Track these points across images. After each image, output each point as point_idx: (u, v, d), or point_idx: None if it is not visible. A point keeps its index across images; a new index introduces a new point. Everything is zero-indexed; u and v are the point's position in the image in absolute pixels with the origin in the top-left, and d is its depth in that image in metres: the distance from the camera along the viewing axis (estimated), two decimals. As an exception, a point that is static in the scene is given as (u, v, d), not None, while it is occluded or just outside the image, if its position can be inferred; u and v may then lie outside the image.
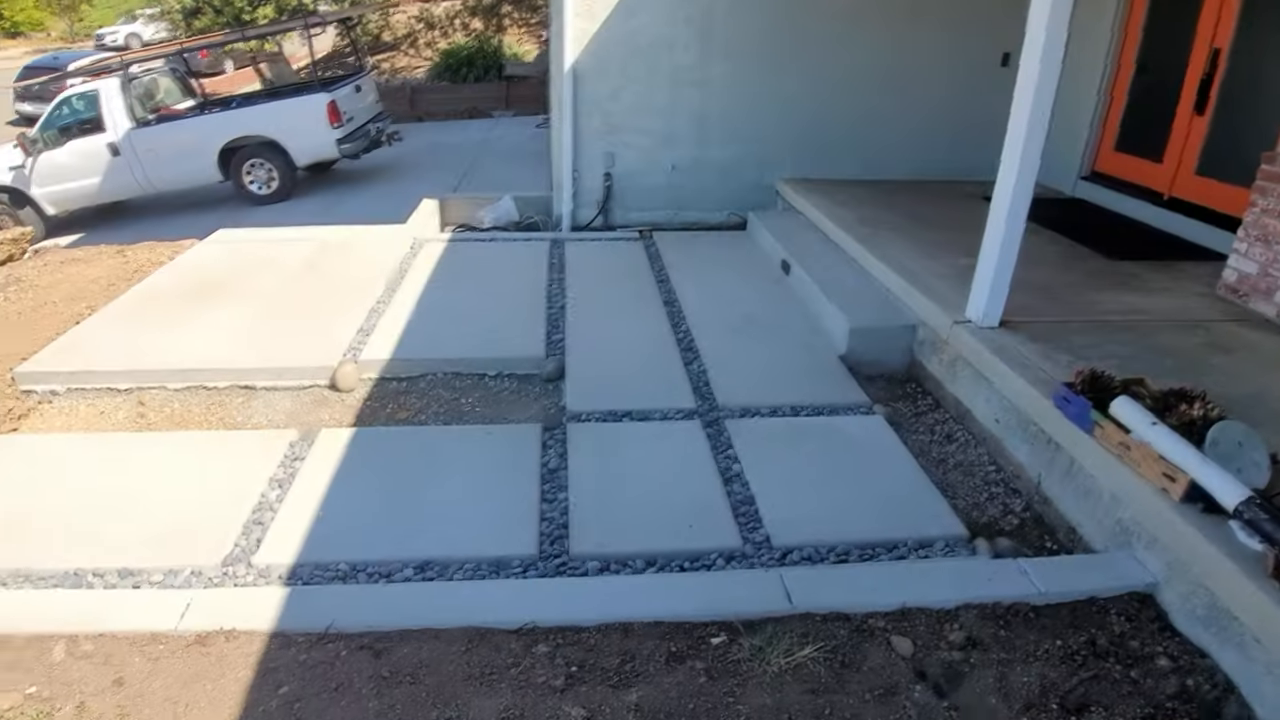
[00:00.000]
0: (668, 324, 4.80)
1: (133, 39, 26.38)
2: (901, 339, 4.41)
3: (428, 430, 3.72)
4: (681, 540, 2.94)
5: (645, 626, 2.42)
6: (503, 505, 3.12)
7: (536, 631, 2.40)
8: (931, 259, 4.78)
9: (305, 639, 2.35)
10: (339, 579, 2.75)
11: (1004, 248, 3.64)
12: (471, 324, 4.71)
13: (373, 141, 10.01)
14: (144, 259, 6.31)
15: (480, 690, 2.18)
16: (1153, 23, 5.56)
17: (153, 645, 2.33)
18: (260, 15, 14.64)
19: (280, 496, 3.16)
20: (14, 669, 2.25)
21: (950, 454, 3.70)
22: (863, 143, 6.67)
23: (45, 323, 4.95)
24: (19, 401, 4.12)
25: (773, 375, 4.20)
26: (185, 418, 4.02)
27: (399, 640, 2.36)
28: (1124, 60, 5.80)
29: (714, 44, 6.20)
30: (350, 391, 4.19)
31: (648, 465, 3.40)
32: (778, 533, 2.99)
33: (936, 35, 6.30)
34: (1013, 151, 3.50)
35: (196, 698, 2.16)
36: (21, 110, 16.72)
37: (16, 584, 2.72)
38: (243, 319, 4.72)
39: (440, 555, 2.84)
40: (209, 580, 2.73)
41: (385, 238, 6.26)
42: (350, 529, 2.96)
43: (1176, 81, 5.20)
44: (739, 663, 2.28)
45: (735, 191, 6.84)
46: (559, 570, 2.82)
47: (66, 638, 2.34)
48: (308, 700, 2.14)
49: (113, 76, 9.14)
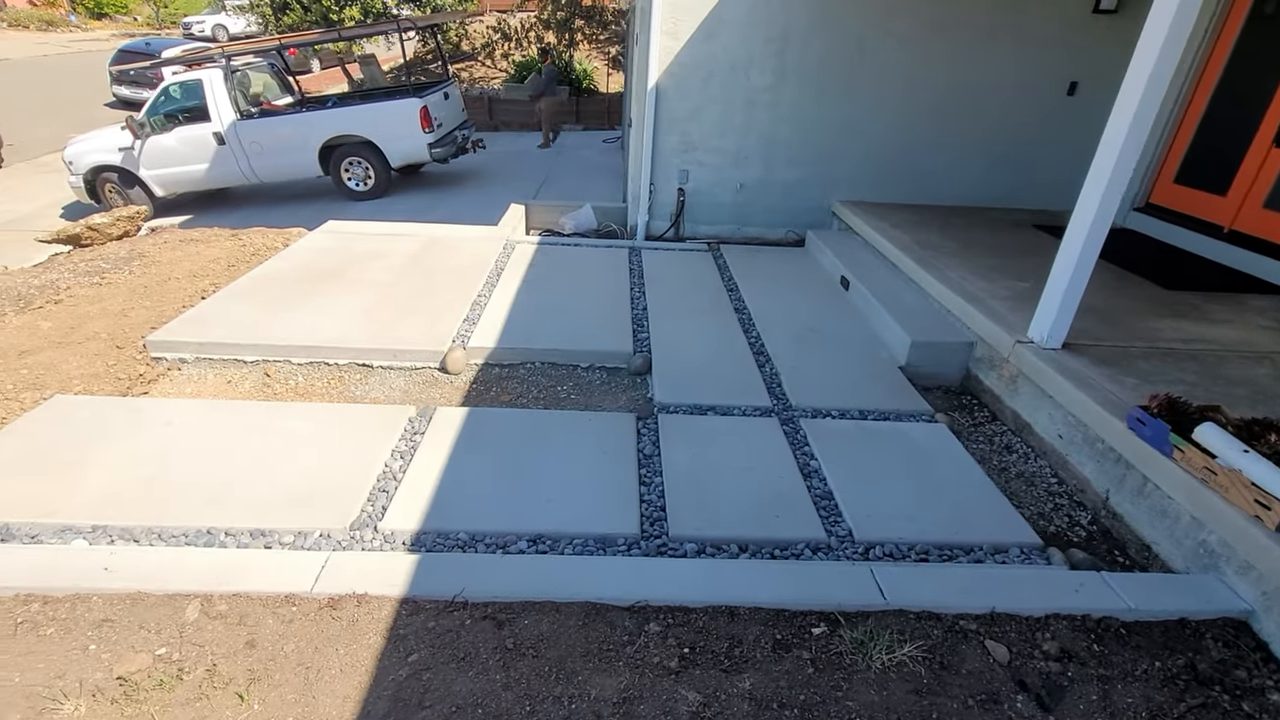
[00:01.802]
0: (739, 329, 4.65)
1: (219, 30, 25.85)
2: (959, 354, 4.21)
3: (534, 413, 3.61)
4: (770, 529, 2.80)
5: (749, 611, 2.29)
6: (605, 485, 3.01)
7: (648, 609, 2.28)
8: (989, 282, 4.56)
9: (433, 606, 2.25)
10: (459, 548, 2.65)
11: (1075, 273, 3.42)
12: (564, 320, 4.60)
13: (460, 148, 9.94)
14: (258, 243, 6.31)
15: (599, 667, 2.07)
16: (1237, 56, 5.18)
17: (286, 607, 2.22)
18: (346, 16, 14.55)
19: (403, 467, 3.08)
20: (145, 628, 2.12)
21: (1011, 464, 3.51)
22: (918, 168, 6.41)
23: (171, 296, 4.92)
24: (150, 367, 4.10)
25: (839, 381, 4.03)
26: (308, 390, 3.98)
27: (520, 611, 2.25)
28: (1198, 92, 5.44)
29: (788, 67, 5.98)
30: (458, 374, 4.11)
31: (733, 456, 3.26)
32: (859, 528, 2.83)
33: (1003, 63, 5.96)
34: (1098, 180, 3.27)
35: (328, 663, 2.04)
36: (119, 93, 16.21)
37: (150, 541, 2.62)
38: (358, 304, 4.67)
39: (551, 530, 2.73)
40: (337, 543, 2.65)
41: (481, 237, 6.19)
42: (468, 500, 2.87)
43: (1256, 114, 4.86)
44: (842, 655, 2.14)
45: (795, 211, 6.64)
46: (660, 550, 2.70)
47: (201, 597, 2.23)
48: (436, 669, 2.04)
49: (215, 67, 8.96)
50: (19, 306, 4.52)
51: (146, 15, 33.30)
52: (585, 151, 12.40)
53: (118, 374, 3.91)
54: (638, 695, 1.98)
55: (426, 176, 10.61)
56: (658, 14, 5.77)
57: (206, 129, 9.04)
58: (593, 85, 15.09)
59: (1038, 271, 4.70)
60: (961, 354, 4.20)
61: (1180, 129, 5.62)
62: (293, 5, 13.97)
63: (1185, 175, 5.61)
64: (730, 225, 6.71)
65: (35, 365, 3.81)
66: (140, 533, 2.64)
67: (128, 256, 5.58)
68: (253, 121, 9.14)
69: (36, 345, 4.02)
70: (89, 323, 4.33)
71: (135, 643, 2.06)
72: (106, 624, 2.13)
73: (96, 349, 4.06)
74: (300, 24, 14.23)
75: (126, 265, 5.37)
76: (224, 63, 9.09)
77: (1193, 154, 5.55)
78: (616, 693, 1.98)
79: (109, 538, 2.61)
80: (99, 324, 4.33)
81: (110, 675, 1.96)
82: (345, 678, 1.99)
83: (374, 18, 13.90)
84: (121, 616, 2.15)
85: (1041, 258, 5.04)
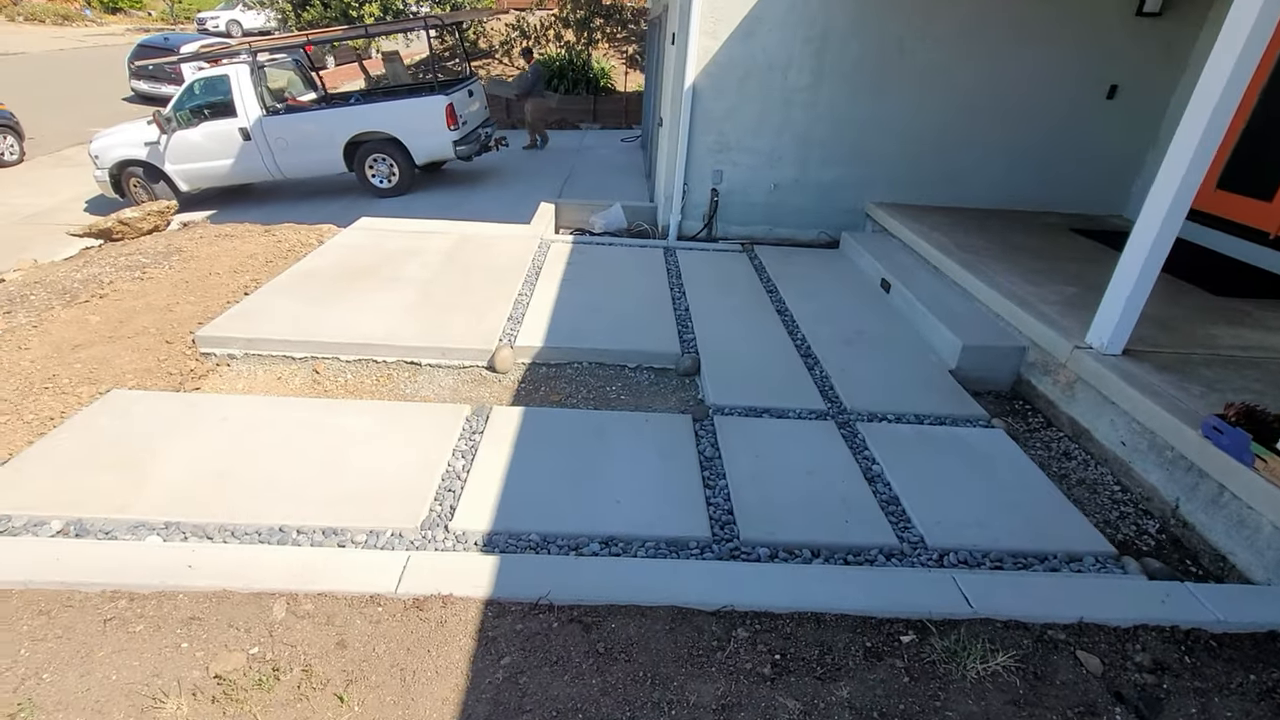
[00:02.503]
0: (784, 331, 4.62)
1: (233, 25, 25.83)
2: (1010, 359, 4.18)
3: (589, 413, 3.59)
4: (841, 534, 2.78)
5: (835, 618, 2.27)
6: (670, 488, 2.98)
7: (734, 614, 2.26)
8: (1037, 286, 4.52)
9: (518, 608, 2.23)
10: (532, 549, 2.63)
11: (1140, 279, 3.39)
12: (607, 319, 4.58)
13: (483, 145, 9.91)
14: (292, 239, 6.29)
15: (693, 673, 2.05)
16: None
17: (372, 607, 2.20)
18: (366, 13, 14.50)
19: (466, 466, 3.07)
20: (234, 626, 2.11)
21: (1071, 471, 3.48)
22: (951, 170, 6.37)
23: (214, 292, 4.90)
24: (199, 362, 4.09)
25: (890, 384, 4.00)
26: (358, 387, 3.97)
27: (605, 615, 2.23)
28: (1247, 93, 5.38)
29: (826, 67, 5.95)
30: (506, 373, 4.10)
31: (794, 459, 3.23)
32: (930, 534, 2.81)
33: (1041, 64, 5.90)
34: (1168, 184, 3.22)
35: (422, 665, 2.03)
36: (138, 88, 16.19)
37: (224, 539, 2.60)
38: (400, 301, 4.65)
39: (623, 532, 2.71)
40: (410, 543, 2.63)
41: (514, 235, 6.17)
42: (535, 501, 2.85)
43: None
44: (935, 664, 2.12)
45: (828, 213, 6.61)
46: (732, 554, 2.68)
47: (286, 596, 2.21)
48: (531, 673, 2.02)
49: (242, 63, 8.94)
50: (65, 300, 4.51)
51: (160, 10, 33.20)
52: (604, 150, 12.36)
53: (169, 369, 3.90)
54: (735, 702, 1.96)
55: (448, 174, 10.59)
56: (697, 14, 5.74)
57: (232, 125, 9.03)
58: (610, 84, 15.05)
59: (1084, 276, 4.70)
60: (1013, 359, 4.17)
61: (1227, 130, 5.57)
62: (313, 1, 13.93)
63: (1228, 181, 5.56)
64: (763, 226, 6.68)
65: (89, 359, 3.80)
66: (213, 530, 2.63)
67: (166, 251, 5.57)
68: (278, 118, 9.11)
69: (88, 339, 4.01)
70: (136, 317, 4.32)
71: (227, 641, 2.04)
72: (195, 621, 2.11)
73: (146, 343, 4.05)
74: (320, 20, 14.21)
75: (166, 260, 5.36)
76: (251, 59, 9.08)
77: (1236, 160, 5.50)
78: (714, 699, 1.96)
79: (182, 534, 2.60)
80: (146, 319, 4.32)
81: (207, 674, 1.94)
82: (441, 680, 1.97)
83: (393, 15, 13.87)
84: (209, 614, 2.14)
85: (1086, 263, 5.04)
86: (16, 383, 3.55)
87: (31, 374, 3.63)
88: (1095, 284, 4.55)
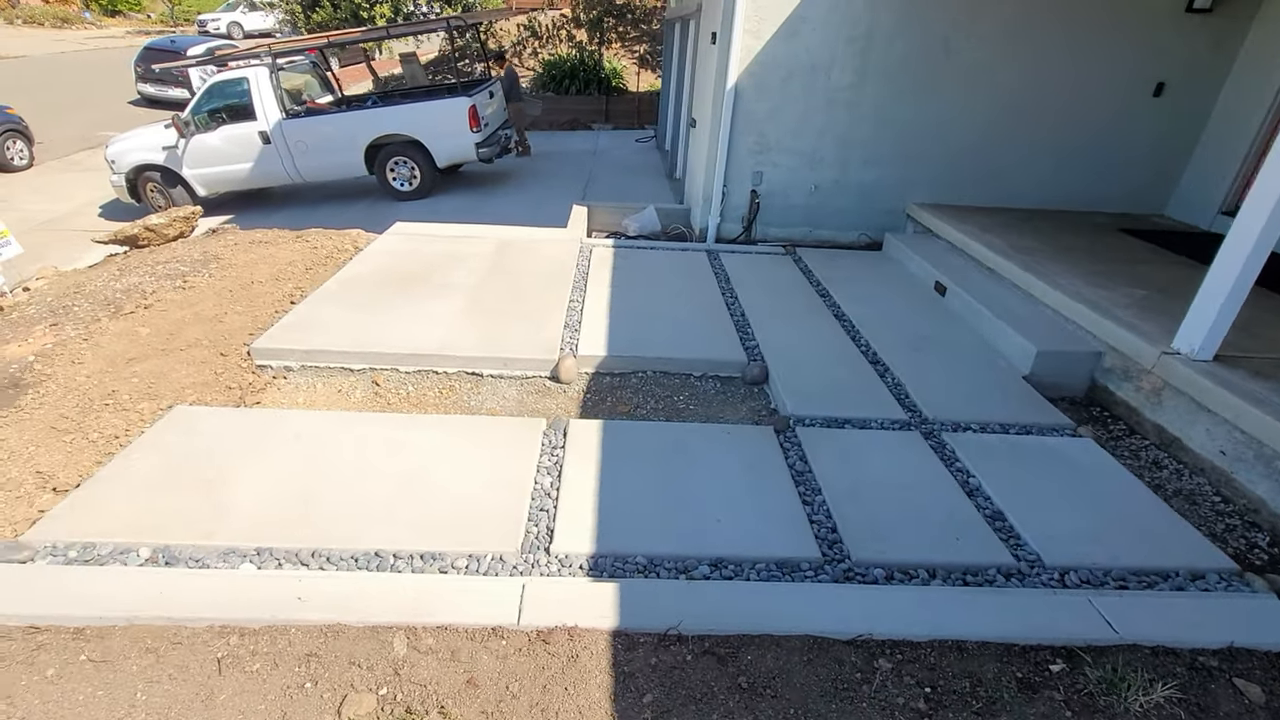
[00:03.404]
0: (845, 337, 4.51)
1: (234, 27, 25.62)
2: (1084, 365, 4.08)
3: (668, 425, 3.47)
4: (954, 552, 2.67)
5: (977, 646, 2.16)
6: (767, 503, 2.87)
7: (871, 643, 2.15)
8: (1104, 289, 4.43)
9: (647, 640, 2.12)
10: (639, 572, 2.52)
11: (1237, 283, 3.29)
12: (667, 327, 4.46)
13: (504, 148, 9.78)
14: (328, 245, 6.15)
15: (845, 709, 1.94)
16: None
17: (495, 640, 2.09)
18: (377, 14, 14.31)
19: (554, 484, 2.95)
20: (355, 664, 1.99)
21: (1164, 481, 3.38)
22: (995, 170, 6.27)
23: (260, 301, 4.76)
24: (255, 375, 3.96)
25: (966, 392, 3.89)
26: (420, 400, 3.84)
27: (739, 646, 2.12)
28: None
29: (870, 67, 5.84)
30: (570, 383, 3.97)
31: (886, 472, 3.13)
32: (1046, 551, 2.70)
33: (1086, 62, 5.80)
34: (1270, 185, 3.12)
35: (563, 705, 1.91)
36: (144, 91, 15.85)
37: (319, 564, 2.47)
38: (453, 309, 4.52)
39: (731, 554, 2.60)
40: (513, 568, 2.51)
41: (553, 239, 6.05)
42: (631, 520, 2.73)
43: None
44: (1094, 696, 2.01)
45: (869, 214, 6.50)
46: (846, 576, 2.56)
47: (404, 629, 2.10)
48: (678, 712, 1.90)
49: (261, 66, 8.79)
50: (110, 311, 4.36)
51: (160, 12, 32.83)
52: (620, 152, 12.22)
53: (226, 382, 3.77)
54: (899, 741, 1.85)
55: (465, 176, 10.45)
56: (740, 13, 5.62)
57: (251, 128, 8.88)
58: (622, 84, 14.92)
59: (1149, 279, 4.61)
60: (1087, 364, 4.07)
61: (1276, 130, 5.49)
62: (322, 3, 13.75)
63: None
64: (803, 228, 6.57)
65: (145, 374, 3.66)
66: (306, 556, 2.50)
67: (203, 259, 5.42)
68: (298, 121, 8.96)
69: (141, 352, 3.87)
70: (186, 329, 4.18)
71: (353, 681, 1.92)
72: (313, 659, 1.99)
73: (200, 356, 3.91)
74: (329, 22, 14.03)
75: (205, 268, 5.21)
76: (270, 61, 8.92)
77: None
78: (876, 738, 1.85)
79: (275, 561, 2.47)
80: (196, 330, 4.18)
81: (339, 718, 1.82)
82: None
83: (404, 17, 13.71)
84: (325, 651, 2.02)
85: (1144, 265, 4.95)
86: (75, 399, 3.41)
87: (89, 390, 3.49)
88: (1162, 287, 4.49)
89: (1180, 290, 4.41)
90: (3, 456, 2.98)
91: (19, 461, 2.98)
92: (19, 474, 2.90)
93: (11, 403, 3.36)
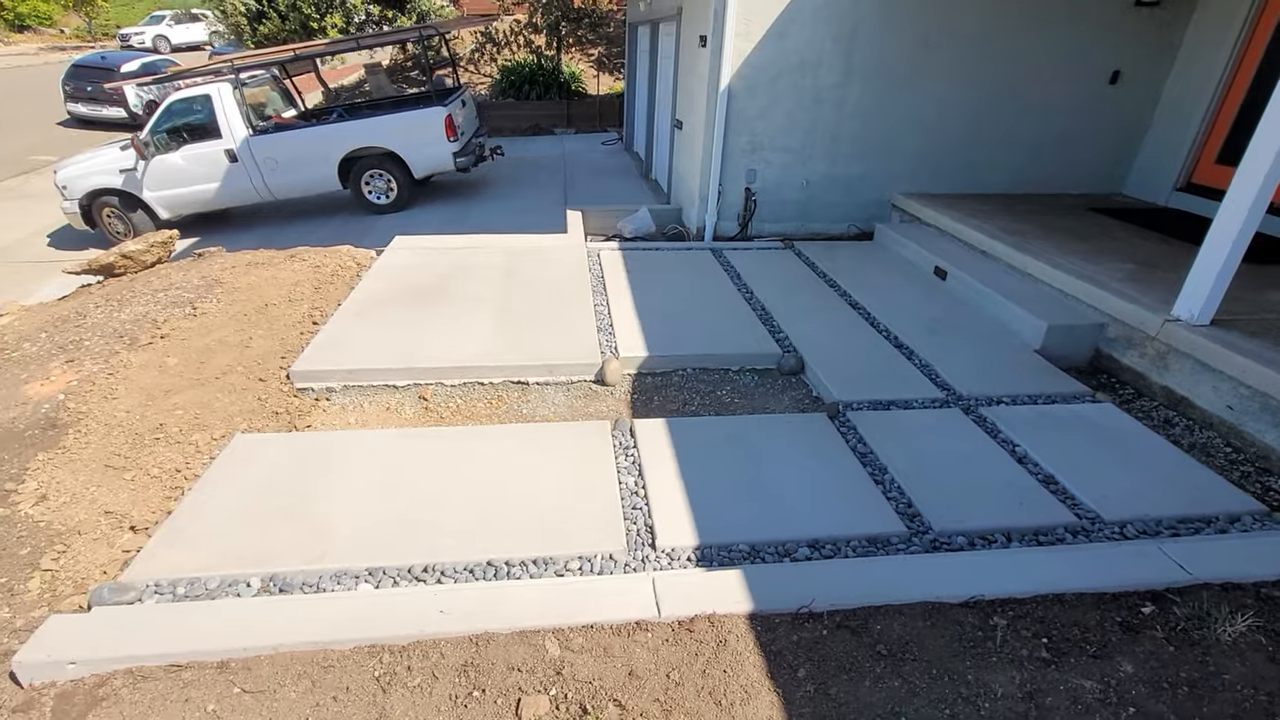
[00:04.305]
0: (865, 324, 4.72)
1: (160, 41, 24.56)
2: (1088, 336, 4.39)
3: (728, 419, 3.58)
4: (1022, 516, 2.87)
5: (1074, 596, 2.35)
6: (841, 485, 3.02)
7: (982, 604, 2.32)
8: (1094, 264, 4.76)
9: (782, 619, 2.23)
10: (745, 558, 2.62)
11: (1231, 253, 3.61)
12: (696, 324, 4.57)
13: (479, 156, 9.70)
14: (330, 264, 6.00)
15: (980, 665, 2.09)
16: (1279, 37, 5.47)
17: (641, 634, 2.16)
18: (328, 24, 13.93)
19: (638, 483, 3.02)
20: (516, 669, 2.03)
21: (1178, 437, 3.68)
22: (973, 159, 6.62)
23: (281, 324, 4.60)
24: (299, 399, 3.89)
25: (988, 368, 4.14)
26: (471, 412, 3.84)
27: (865, 617, 2.25)
28: (1241, 72, 5.77)
29: (855, 64, 6.09)
30: (615, 385, 4.04)
31: (940, 447, 3.32)
32: (1102, 508, 2.93)
33: (1049, 54, 6.19)
34: (1259, 159, 3.43)
35: (726, 687, 2.00)
36: (75, 111, 15.04)
37: (435, 578, 2.48)
38: (482, 320, 4.52)
39: (825, 534, 2.73)
40: (625, 565, 2.57)
41: (558, 246, 6.08)
42: (721, 510, 2.83)
43: None
44: (1188, 632, 2.22)
45: (856, 206, 6.76)
46: (933, 545, 2.73)
47: (551, 631, 2.15)
48: (832, 682, 2.02)
49: (223, 81, 8.52)
50: (126, 344, 4.19)
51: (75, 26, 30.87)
52: (589, 156, 12.26)
53: (273, 408, 3.69)
54: (1038, 689, 2.01)
55: (441, 186, 10.32)
56: (732, 16, 5.77)
57: (217, 146, 8.58)
58: (582, 88, 14.94)
59: (1131, 254, 4.98)
60: (1091, 335, 4.38)
61: (1221, 111, 5.98)
62: (269, 14, 13.29)
63: (1229, 155, 5.97)
64: (795, 222, 6.78)
65: (188, 405, 3.55)
66: (419, 571, 2.51)
67: (204, 284, 5.24)
68: (267, 137, 8.70)
69: (176, 384, 3.74)
70: (214, 357, 4.06)
71: (520, 684, 1.97)
72: (471, 668, 2.02)
73: (238, 383, 3.81)
74: (278, 34, 13.59)
75: (210, 293, 5.04)
76: (233, 76, 8.62)
77: (1235, 136, 5.91)
78: (1016, 688, 2.01)
79: (390, 579, 2.48)
80: (226, 357, 4.06)
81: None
82: (754, 700, 1.95)
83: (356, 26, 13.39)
84: (480, 659, 2.05)
85: (1122, 240, 5.33)
86: (123, 436, 3.29)
87: (132, 425, 3.37)
88: (1144, 260, 4.86)
89: (1160, 262, 4.79)
90: (65, 500, 2.87)
91: (83, 504, 2.87)
92: (88, 516, 2.80)
93: (55, 443, 3.22)
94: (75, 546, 2.64)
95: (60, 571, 2.52)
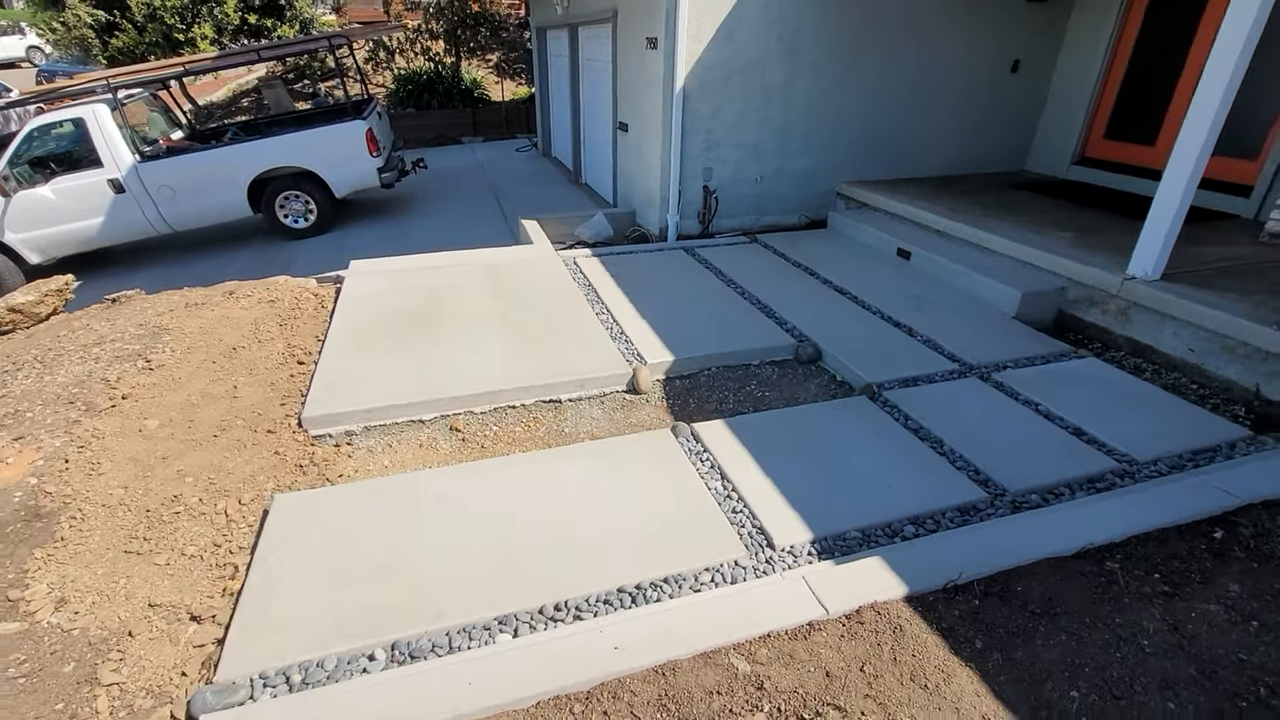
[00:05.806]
0: (859, 307, 4.93)
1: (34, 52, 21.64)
2: (1053, 299, 4.83)
3: (780, 413, 3.61)
4: (1073, 468, 3.12)
5: (1158, 533, 2.59)
6: (912, 461, 3.14)
7: (1090, 552, 2.50)
8: (1042, 235, 5.24)
9: (935, 596, 2.30)
10: (859, 544, 2.67)
11: (1177, 214, 4.10)
12: (703, 324, 4.58)
13: (402, 170, 9.18)
14: (286, 297, 5.36)
15: (1120, 607, 2.26)
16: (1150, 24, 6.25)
17: (815, 633, 2.16)
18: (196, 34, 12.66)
19: (727, 486, 2.99)
20: (715, 692, 1.96)
21: (1150, 381, 4.14)
22: (907, 147, 7.09)
23: (258, 369, 4.07)
24: (318, 447, 3.51)
25: (980, 337, 4.45)
26: (510, 437, 3.64)
27: (1002, 581, 2.37)
28: (1117, 60, 6.54)
29: (799, 62, 6.33)
30: (647, 392, 3.97)
31: (978, 414, 3.54)
32: (1132, 450, 3.24)
33: (961, 48, 6.74)
34: (1196, 130, 3.89)
35: (922, 668, 2.04)
36: None
37: (571, 616, 2.34)
38: (490, 340, 4.30)
39: (921, 510, 2.83)
40: (754, 569, 2.55)
41: (528, 258, 5.87)
42: (819, 502, 2.86)
43: (1174, 73, 5.97)
44: (1258, 548, 2.51)
45: (806, 197, 7.04)
46: (1015, 506, 2.91)
47: (730, 648, 2.10)
48: (1009, 647, 2.10)
49: (98, 101, 7.47)
50: (83, 410, 3.60)
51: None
52: (507, 164, 11.93)
53: (295, 461, 3.31)
54: (1175, 619, 2.21)
55: (360, 205, 9.67)
56: (684, 17, 5.82)
57: (97, 176, 7.54)
58: (485, 94, 14.51)
59: (1064, 223, 5.53)
60: (1055, 299, 4.82)
61: (1104, 93, 6.77)
62: (123, 26, 11.83)
63: (1115, 131, 6.78)
64: (751, 216, 6.96)
65: (196, 471, 3.12)
66: (550, 610, 2.35)
67: (147, 333, 4.59)
68: (159, 163, 7.75)
69: (171, 449, 3.27)
70: (202, 413, 3.59)
71: (730, 708, 1.90)
72: (668, 700, 1.93)
73: (244, 439, 3.40)
74: (135, 46, 12.12)
75: (157, 342, 4.43)
76: (110, 96, 7.61)
77: (1118, 113, 6.71)
78: (1162, 621, 2.19)
79: (525, 625, 2.30)
80: (215, 412, 3.60)
81: (752, 745, 1.80)
82: (954, 679, 2.00)
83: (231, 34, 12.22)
84: (674, 690, 1.96)
85: (1049, 211, 5.91)
86: (129, 516, 2.84)
87: (137, 502, 2.91)
88: (1079, 227, 5.41)
89: (1089, 228, 5.36)
90: (92, 599, 2.44)
91: (117, 601, 2.45)
92: (130, 614, 2.40)
93: (49, 536, 2.72)
94: (132, 651, 2.25)
95: (127, 683, 2.14)
